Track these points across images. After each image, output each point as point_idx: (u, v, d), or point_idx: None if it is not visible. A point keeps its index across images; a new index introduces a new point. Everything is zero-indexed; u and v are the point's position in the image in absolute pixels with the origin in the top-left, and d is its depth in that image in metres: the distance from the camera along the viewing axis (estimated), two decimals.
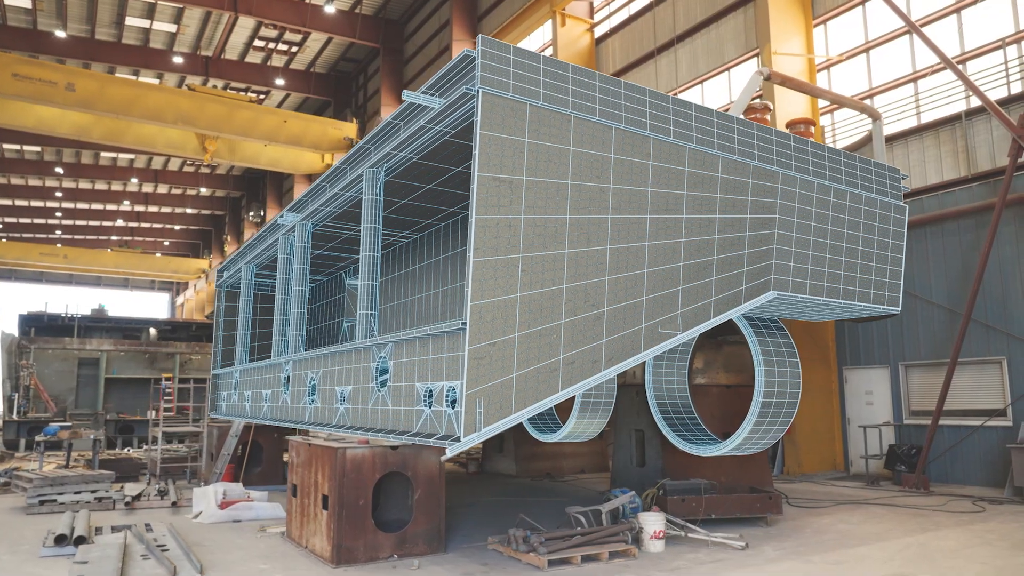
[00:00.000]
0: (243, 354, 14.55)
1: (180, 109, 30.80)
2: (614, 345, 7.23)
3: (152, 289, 73.28)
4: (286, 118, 34.08)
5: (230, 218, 57.80)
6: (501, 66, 6.71)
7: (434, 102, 7.27)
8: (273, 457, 14.00)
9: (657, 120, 7.67)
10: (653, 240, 7.59)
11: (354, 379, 8.96)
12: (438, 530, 8.06)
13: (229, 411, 15.19)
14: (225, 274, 16.76)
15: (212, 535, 9.04)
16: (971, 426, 13.11)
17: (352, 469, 7.63)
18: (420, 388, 7.36)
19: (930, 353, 13.97)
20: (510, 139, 6.71)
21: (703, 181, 8.00)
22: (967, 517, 9.97)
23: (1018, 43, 13.30)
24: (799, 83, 10.66)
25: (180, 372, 27.23)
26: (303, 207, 11.63)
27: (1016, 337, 12.67)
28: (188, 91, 31.95)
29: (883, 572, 7.12)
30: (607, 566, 7.50)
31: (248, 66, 37.37)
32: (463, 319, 6.42)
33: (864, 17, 15.98)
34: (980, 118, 13.63)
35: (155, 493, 11.65)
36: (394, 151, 8.43)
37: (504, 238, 6.63)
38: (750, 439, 9.42)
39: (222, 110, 31.83)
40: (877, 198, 9.65)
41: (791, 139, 8.81)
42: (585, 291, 7.08)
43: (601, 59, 23.10)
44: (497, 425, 6.45)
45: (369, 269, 8.88)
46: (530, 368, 6.68)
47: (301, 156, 37.44)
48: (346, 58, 38.85)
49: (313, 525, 8.06)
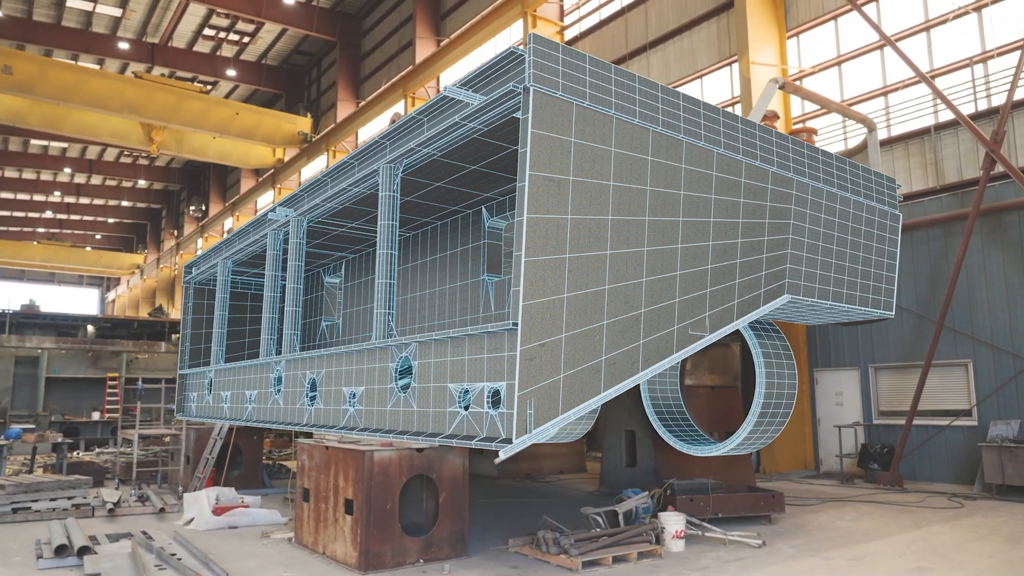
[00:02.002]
0: (219, 353, 14.02)
1: (126, 97, 29.54)
2: (650, 346, 7.27)
3: (80, 284, 69.86)
4: (238, 110, 33.15)
5: (168, 212, 55.72)
6: (551, 64, 6.66)
7: (473, 98, 7.16)
8: (253, 460, 13.53)
9: (689, 124, 7.76)
10: (685, 243, 7.66)
11: (368, 379, 8.74)
12: (462, 533, 7.94)
13: (201, 413, 14.60)
14: (194, 270, 16.11)
15: (215, 542, 8.66)
16: (939, 426, 13.74)
17: (380, 472, 7.43)
18: (453, 389, 7.23)
19: (899, 356, 14.58)
20: (558, 138, 6.66)
21: (728, 186, 8.13)
22: (951, 513, 10.44)
23: (984, 63, 14.02)
24: (808, 93, 10.99)
25: (126, 372, 26.03)
26: (298, 202, 11.29)
27: (981, 341, 13.34)
28: (135, 79, 30.70)
29: (904, 567, 7.37)
30: (637, 567, 7.53)
31: (196, 55, 36.10)
32: (513, 319, 6.33)
33: (836, 32, 16.57)
34: (948, 132, 14.31)
35: (135, 499, 11.09)
36: (418, 147, 8.26)
37: (553, 238, 6.58)
38: (750, 439, 9.63)
39: (171, 99, 30.71)
40: (876, 206, 10.01)
41: (804, 147, 9.05)
42: (625, 292, 7.09)
43: None
44: (546, 427, 6.40)
45: (386, 267, 8.68)
46: (575, 369, 6.65)
47: (252, 150, 36.45)
48: (300, 51, 37.98)
49: (332, 531, 7.81)
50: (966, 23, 14.40)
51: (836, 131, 16.25)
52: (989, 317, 13.36)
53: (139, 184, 52.54)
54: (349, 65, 34.71)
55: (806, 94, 10.92)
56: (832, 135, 16.24)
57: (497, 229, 11.03)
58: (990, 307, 13.37)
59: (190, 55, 35.79)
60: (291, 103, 38.93)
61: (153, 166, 49.90)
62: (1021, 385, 12.85)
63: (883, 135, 15.30)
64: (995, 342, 13.18)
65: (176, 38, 34.83)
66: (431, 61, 27.58)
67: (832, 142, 16.19)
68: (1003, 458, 11.73)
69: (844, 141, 16.07)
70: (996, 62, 13.86)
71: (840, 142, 15.95)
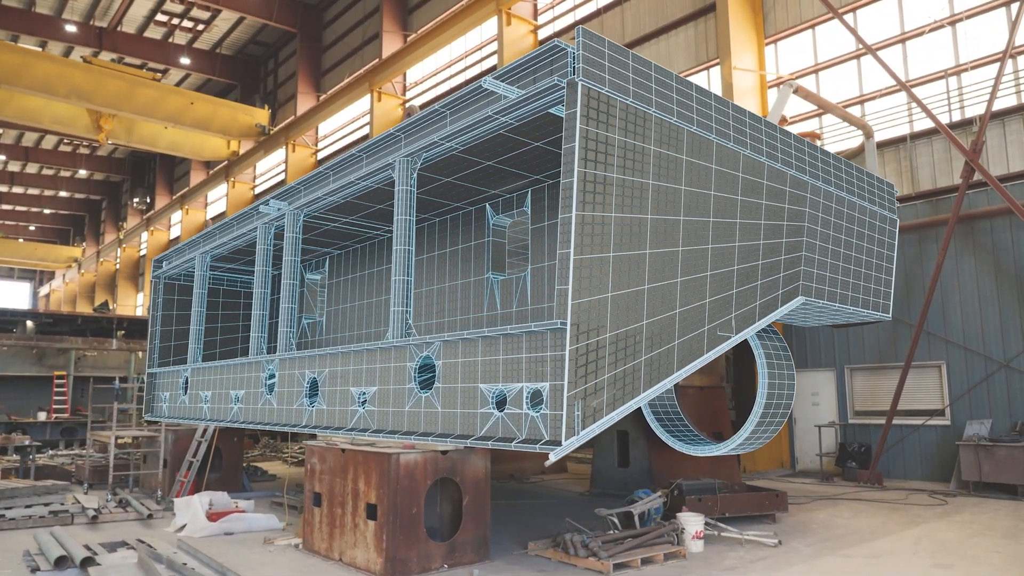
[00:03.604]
0: (196, 351, 13.43)
1: (74, 82, 28.16)
2: (684, 347, 7.24)
3: (11, 278, 66.33)
4: (193, 100, 32.01)
5: (109, 204, 53.41)
6: (598, 59, 6.55)
7: (511, 91, 6.99)
8: (233, 463, 12.99)
9: (720, 124, 7.77)
10: (714, 243, 7.66)
11: (381, 379, 8.46)
12: (484, 537, 7.76)
13: (175, 413, 13.96)
14: (165, 264, 15.40)
15: (217, 550, 8.23)
16: (913, 425, 14.20)
17: (405, 476, 7.19)
18: (485, 390, 7.05)
19: (874, 357, 15.00)
20: (604, 135, 6.56)
21: (753, 187, 8.17)
22: (939, 510, 10.76)
23: (958, 75, 14.54)
24: (817, 98, 11.21)
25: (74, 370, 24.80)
26: (293, 195, 10.89)
27: (954, 343, 13.84)
28: (84, 63, 29.31)
29: (922, 564, 7.53)
30: (664, 568, 7.49)
31: (147, 41, 34.73)
32: (560, 318, 6.19)
33: (814, 41, 16.96)
34: (922, 141, 14.81)
35: (115, 505, 10.50)
36: (442, 141, 8.03)
37: (598, 236, 6.47)
38: (751, 438, 9.72)
39: (122, 86, 29.40)
40: (877, 210, 10.24)
41: (817, 150, 9.18)
42: (662, 292, 7.04)
43: None
44: (592, 428, 6.28)
45: (403, 263, 8.41)
46: (619, 369, 6.56)
47: (206, 141, 35.28)
48: (256, 41, 36.93)
49: (351, 537, 7.52)
50: (941, 36, 14.91)
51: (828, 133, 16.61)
52: (961, 320, 13.87)
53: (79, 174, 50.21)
54: (310, 57, 33.90)
55: (816, 99, 11.12)
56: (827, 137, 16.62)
57: (502, 227, 10.86)
58: (962, 311, 13.87)
59: (140, 41, 34.39)
60: (246, 94, 37.81)
61: (95, 155, 47.75)
62: (992, 386, 13.38)
63: (859, 143, 15.71)
64: (967, 344, 13.68)
65: (126, 23, 33.43)
66: (399, 56, 27.13)
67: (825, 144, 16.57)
68: (980, 456, 12.17)
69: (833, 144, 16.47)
70: (970, 75, 14.40)
71: (830, 145, 16.30)
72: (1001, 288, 13.39)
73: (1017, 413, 13.00)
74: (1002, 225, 13.51)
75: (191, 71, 36.38)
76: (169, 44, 35.12)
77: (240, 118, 33.18)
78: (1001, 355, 13.27)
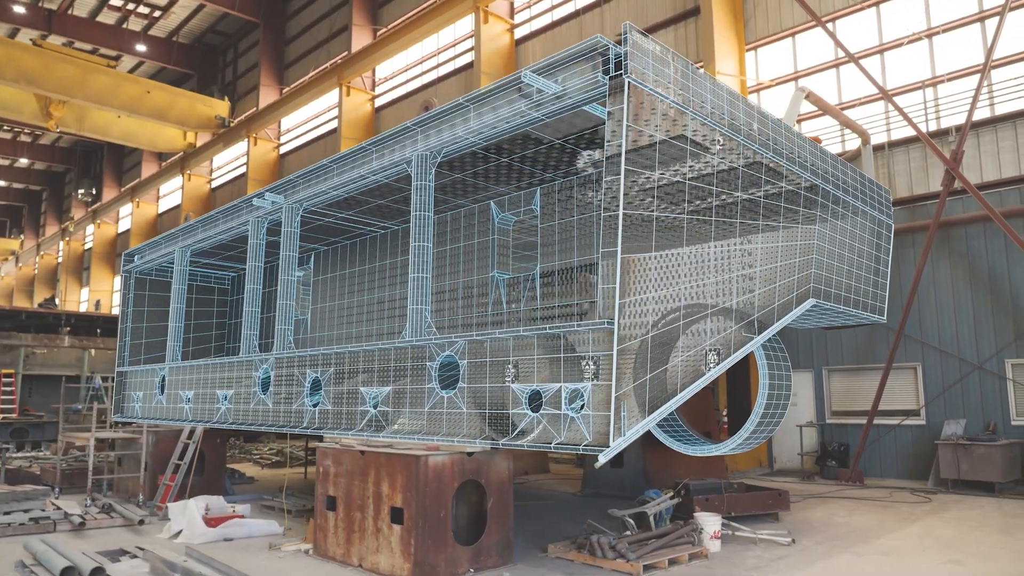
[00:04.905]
0: (175, 349, 12.91)
1: (23, 66, 26.83)
2: (714, 347, 7.24)
3: None
4: (150, 88, 30.90)
5: (50, 195, 51.11)
6: (643, 56, 6.50)
7: (549, 87, 6.88)
8: (215, 465, 12.50)
9: (747, 126, 7.80)
10: (741, 244, 7.70)
11: (396, 378, 8.25)
12: (508, 540, 7.62)
13: (150, 414, 13.38)
14: (137, 258, 14.76)
15: (226, 557, 7.87)
16: (889, 425, 14.60)
17: (434, 478, 7.00)
18: (518, 390, 6.92)
19: (851, 359, 15.38)
20: (646, 132, 6.51)
21: (773, 189, 8.24)
22: (928, 507, 11.07)
23: (935, 86, 15.03)
24: (824, 103, 11.40)
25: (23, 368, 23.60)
26: (291, 188, 10.55)
27: (930, 345, 14.29)
28: (34, 47, 27.94)
29: (935, 561, 7.71)
30: (689, 568, 7.48)
31: (100, 26, 33.35)
32: (607, 317, 6.11)
33: (794, 49, 17.30)
34: (900, 149, 15.25)
35: (98, 511, 9.97)
36: (466, 135, 7.85)
37: (642, 235, 6.42)
38: (751, 438, 9.82)
39: (75, 72, 28.16)
40: (876, 215, 10.48)
41: (827, 154, 9.33)
42: (696, 292, 7.03)
43: (521, 60, 23.11)
44: (636, 429, 6.22)
45: (421, 260, 8.21)
46: (659, 369, 6.51)
47: (161, 132, 34.09)
48: (216, 30, 35.86)
49: (373, 541, 7.28)
50: (918, 48, 15.38)
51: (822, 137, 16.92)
52: (937, 323, 14.33)
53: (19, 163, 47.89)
54: (273, 49, 33.06)
55: (823, 104, 11.34)
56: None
57: (506, 225, 10.72)
58: (938, 314, 14.34)
59: (93, 25, 33.00)
60: (204, 84, 36.66)
61: (37, 144, 45.61)
62: (966, 387, 13.85)
63: (837, 149, 16.10)
64: (942, 347, 14.14)
65: (78, 6, 32.04)
66: (370, 50, 26.67)
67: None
68: (959, 455, 12.58)
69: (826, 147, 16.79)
70: (946, 86, 14.89)
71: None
72: (975, 293, 13.88)
73: (990, 413, 13.50)
74: (976, 232, 14.01)
75: (145, 58, 35.08)
76: (123, 30, 33.79)
77: (199, 109, 32.14)
78: (974, 357, 13.75)
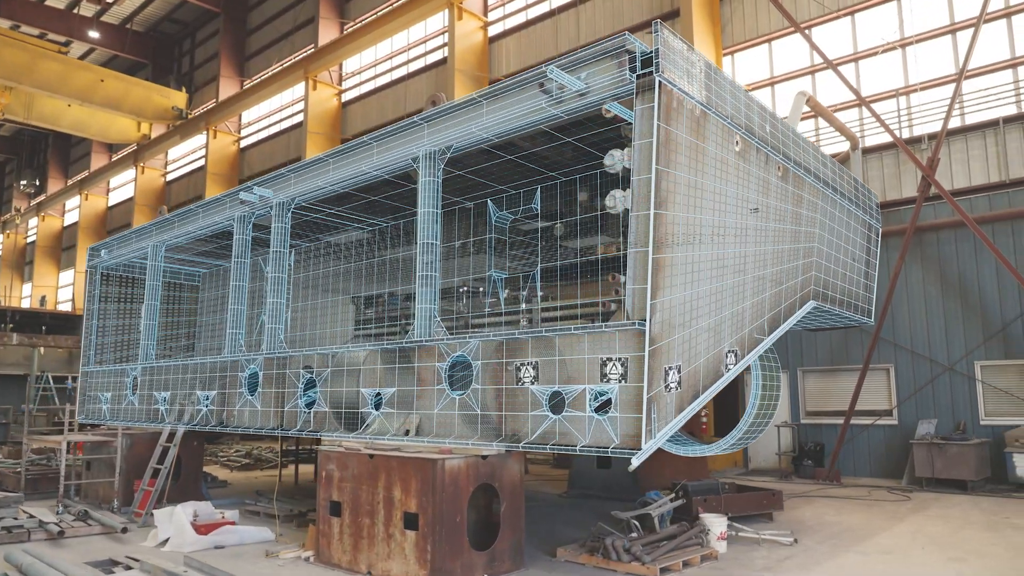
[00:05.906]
0: (148, 348, 12.38)
1: None
2: (732, 349, 7.23)
3: None
4: (104, 76, 29.77)
5: None
6: (672, 55, 6.44)
7: (574, 83, 6.77)
8: (192, 469, 12.00)
9: (761, 130, 7.83)
10: (755, 246, 7.72)
11: (401, 380, 8.03)
12: (520, 544, 7.47)
13: (119, 416, 12.80)
14: (104, 253, 14.12)
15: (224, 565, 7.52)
16: (863, 425, 14.94)
17: (450, 482, 6.81)
18: (538, 392, 6.79)
19: (825, 360, 15.70)
20: (673, 132, 6.45)
21: (781, 192, 8.30)
22: (909, 505, 11.33)
23: (907, 95, 15.45)
24: (822, 108, 11.57)
25: None
26: (281, 183, 10.21)
27: (902, 347, 14.67)
28: None
29: (937, 559, 7.86)
30: (701, 570, 7.46)
31: (49, 10, 31.93)
32: (637, 318, 6.03)
33: (770, 54, 17.58)
34: (873, 155, 15.62)
35: (73, 518, 9.45)
36: (478, 131, 7.69)
37: (669, 235, 6.36)
38: (743, 438, 9.92)
39: (23, 57, 26.91)
40: (866, 219, 10.68)
41: (828, 159, 9.45)
42: (715, 294, 7.01)
43: (494, 58, 22.97)
44: (665, 431, 6.16)
45: (428, 258, 8.00)
46: (685, 371, 6.46)
47: (114, 122, 32.87)
48: (172, 19, 34.72)
49: (384, 548, 7.05)
50: (892, 58, 15.79)
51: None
52: (909, 326, 14.72)
53: None
54: (234, 40, 32.15)
55: (820, 109, 11.50)
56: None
57: (504, 223, 10.57)
58: (910, 317, 14.73)
59: (41, 9, 31.57)
60: (159, 74, 35.43)
61: None
62: (937, 388, 14.27)
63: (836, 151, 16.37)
64: (914, 349, 14.53)
65: None
66: (338, 44, 26.15)
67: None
68: (933, 454, 12.93)
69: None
70: (919, 95, 15.32)
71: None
72: (946, 296, 14.30)
73: (960, 413, 13.92)
74: (948, 237, 14.44)
75: (97, 45, 33.74)
76: (74, 15, 32.42)
77: (155, 99, 31.08)
78: (945, 359, 14.17)
